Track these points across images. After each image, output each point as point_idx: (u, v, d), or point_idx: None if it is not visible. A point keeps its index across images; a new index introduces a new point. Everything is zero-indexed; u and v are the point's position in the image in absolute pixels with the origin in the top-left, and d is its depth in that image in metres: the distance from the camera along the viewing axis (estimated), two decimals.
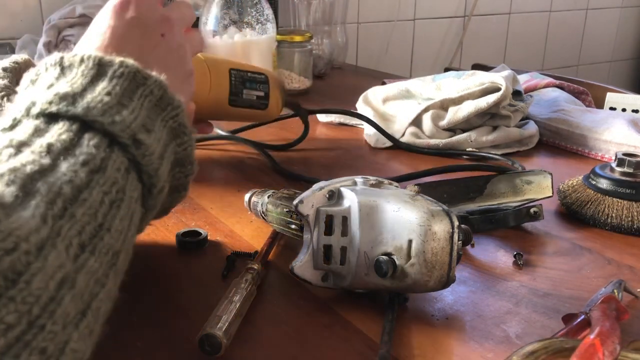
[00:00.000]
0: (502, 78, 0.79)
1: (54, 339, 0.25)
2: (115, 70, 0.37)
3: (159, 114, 0.39)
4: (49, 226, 0.27)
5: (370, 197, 0.43)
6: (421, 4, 1.83)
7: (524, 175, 0.60)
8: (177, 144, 0.41)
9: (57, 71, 0.37)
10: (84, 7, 1.15)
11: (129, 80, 0.37)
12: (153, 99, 0.38)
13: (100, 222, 0.30)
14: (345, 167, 0.75)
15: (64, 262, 0.27)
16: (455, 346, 0.40)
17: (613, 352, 0.32)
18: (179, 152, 0.41)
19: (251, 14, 1.04)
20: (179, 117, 0.40)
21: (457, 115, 0.80)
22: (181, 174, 0.42)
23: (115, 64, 0.37)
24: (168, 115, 0.39)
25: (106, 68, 0.37)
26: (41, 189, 0.28)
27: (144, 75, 0.38)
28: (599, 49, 2.37)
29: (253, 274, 0.45)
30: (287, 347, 0.40)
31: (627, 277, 0.49)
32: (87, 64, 0.37)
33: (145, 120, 0.37)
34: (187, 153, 0.42)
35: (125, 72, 0.37)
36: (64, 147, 0.31)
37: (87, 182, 0.31)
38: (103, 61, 0.37)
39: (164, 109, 0.39)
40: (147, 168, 0.36)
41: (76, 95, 0.34)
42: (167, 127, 0.39)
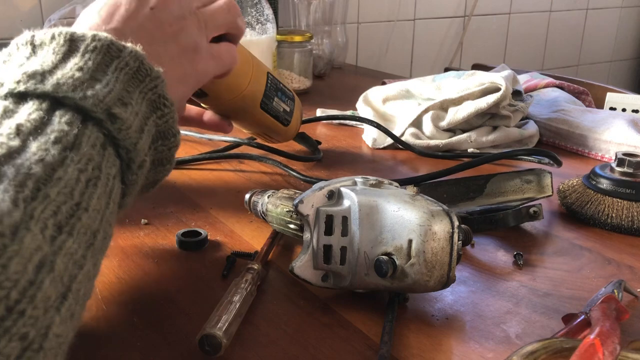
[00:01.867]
0: (502, 78, 0.79)
1: (35, 324, 0.25)
2: (87, 45, 0.36)
3: (137, 85, 0.37)
4: (20, 209, 0.26)
5: (370, 197, 0.43)
6: (421, 4, 1.83)
7: (523, 175, 0.60)
8: (157, 117, 0.39)
9: (28, 50, 0.36)
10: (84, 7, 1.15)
11: (103, 53, 0.36)
12: (129, 71, 0.37)
13: (77, 201, 0.29)
14: (345, 167, 0.75)
15: (41, 244, 0.26)
16: (455, 346, 0.40)
17: (613, 352, 0.32)
18: (160, 125, 0.39)
19: (251, 14, 1.04)
20: (158, 88, 0.39)
21: (457, 115, 0.80)
22: (164, 147, 0.41)
23: (88, 39, 0.36)
24: (146, 87, 0.38)
25: (78, 43, 0.36)
26: (8, 172, 0.27)
27: (118, 47, 0.37)
28: (599, 49, 2.37)
29: (253, 274, 0.45)
30: (287, 347, 0.40)
31: (627, 277, 0.49)
32: (58, 41, 0.36)
33: (122, 93, 0.36)
34: (169, 125, 0.40)
35: (98, 46, 0.36)
36: (34, 127, 0.30)
37: (60, 160, 0.29)
38: (75, 36, 0.36)
39: (141, 80, 0.38)
40: (124, 143, 0.35)
41: (45, 72, 0.33)
42: (147, 100, 0.38)
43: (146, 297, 0.45)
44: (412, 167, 0.76)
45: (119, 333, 0.41)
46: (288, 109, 0.70)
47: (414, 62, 1.88)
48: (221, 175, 0.71)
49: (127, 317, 0.42)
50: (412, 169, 0.75)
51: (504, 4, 2.03)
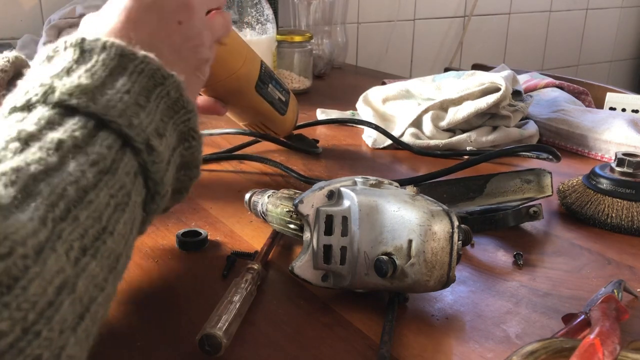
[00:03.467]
0: (502, 78, 0.79)
1: (50, 345, 0.24)
2: (136, 66, 0.36)
3: (172, 116, 0.38)
4: (48, 229, 0.26)
5: (370, 197, 0.43)
6: (421, 4, 1.83)
7: (523, 174, 0.60)
8: (184, 148, 0.39)
9: (76, 54, 0.35)
10: (84, 7, 1.15)
11: (148, 77, 0.36)
12: (168, 101, 0.37)
13: (104, 225, 0.29)
14: (345, 167, 0.75)
15: (64, 266, 0.26)
16: (455, 346, 0.40)
17: (613, 352, 0.32)
18: (185, 156, 0.40)
19: (251, 14, 1.04)
20: (190, 121, 0.39)
21: (457, 115, 0.80)
22: (186, 177, 0.41)
23: (137, 59, 0.36)
24: (180, 119, 0.38)
25: (127, 62, 0.36)
26: (43, 190, 0.27)
27: (164, 74, 0.37)
28: (599, 49, 2.37)
29: (253, 274, 0.45)
30: (287, 347, 0.40)
31: (627, 277, 0.49)
32: (108, 53, 0.35)
33: (159, 123, 0.36)
34: (194, 157, 0.40)
35: (145, 70, 0.36)
36: (75, 145, 0.30)
37: (94, 183, 0.29)
38: (125, 52, 0.36)
39: (177, 111, 0.38)
40: (154, 175, 0.35)
41: (96, 90, 0.33)
42: (177, 131, 0.38)
43: (146, 297, 0.45)
44: (412, 167, 0.76)
45: (119, 333, 0.41)
46: (283, 99, 0.70)
47: (414, 62, 1.88)
48: (221, 175, 0.71)
49: (127, 317, 0.42)
50: (412, 169, 0.75)
51: (504, 4, 2.03)
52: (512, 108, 0.81)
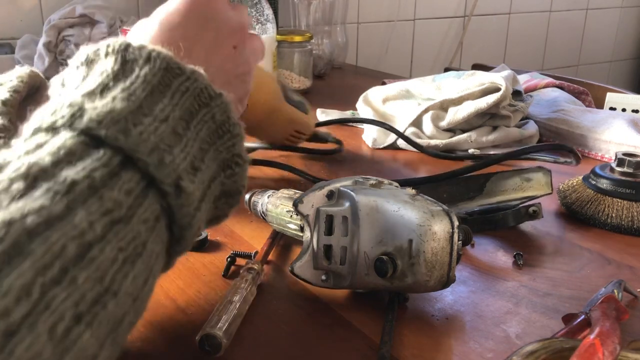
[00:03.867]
0: (502, 78, 0.79)
1: None
2: (181, 83, 0.32)
3: (214, 142, 0.33)
4: (32, 300, 0.21)
5: (370, 197, 0.43)
6: (421, 4, 1.83)
7: (523, 173, 0.60)
8: (226, 176, 0.35)
9: (117, 64, 0.31)
10: (84, 7, 1.15)
11: (193, 98, 0.32)
12: (213, 125, 0.33)
13: (106, 286, 0.25)
14: (345, 167, 0.75)
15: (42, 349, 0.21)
16: (455, 346, 0.40)
17: (613, 352, 0.32)
18: (226, 184, 0.36)
19: (251, 14, 1.04)
20: (235, 147, 0.35)
21: (457, 115, 0.80)
22: (226, 205, 0.37)
23: (184, 75, 0.32)
24: (224, 145, 0.34)
25: (172, 78, 0.32)
26: (37, 249, 0.22)
27: (211, 93, 0.33)
28: (599, 49, 2.37)
29: (253, 274, 0.45)
30: (287, 347, 0.40)
31: (627, 277, 0.49)
32: (152, 66, 0.31)
33: (196, 154, 0.32)
34: (237, 184, 0.36)
35: (191, 88, 0.32)
36: (91, 187, 0.26)
37: (101, 236, 0.25)
38: (171, 66, 0.32)
39: (221, 136, 0.34)
40: (181, 220, 0.31)
41: (130, 116, 0.29)
42: (219, 159, 0.34)
43: None
44: (412, 168, 0.76)
45: None
46: (299, 99, 0.70)
47: (414, 62, 1.88)
48: None
49: None
50: (413, 169, 0.75)
51: (504, 4, 2.03)
52: (512, 108, 0.81)
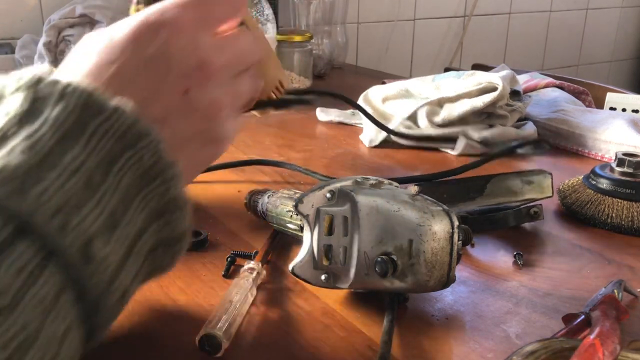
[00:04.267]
0: (500, 78, 0.79)
1: None
2: (100, 124, 0.27)
3: (141, 189, 0.29)
4: None
5: (370, 197, 0.43)
6: (421, 4, 1.83)
7: (524, 175, 0.59)
8: (161, 224, 0.30)
9: (25, 104, 0.26)
10: (84, 7, 1.15)
11: (115, 140, 0.27)
12: (139, 170, 0.28)
13: None
14: (345, 167, 0.75)
15: None
16: (455, 346, 0.40)
17: (613, 352, 0.32)
18: (163, 233, 0.31)
19: (251, 13, 1.04)
20: (170, 191, 0.30)
21: (452, 112, 0.80)
22: (166, 255, 0.32)
23: (105, 113, 0.27)
24: (154, 191, 0.29)
25: (90, 117, 0.27)
26: None
27: (139, 130, 0.28)
28: (599, 49, 2.37)
29: (253, 274, 0.45)
30: (287, 347, 0.40)
31: (627, 277, 0.49)
32: (66, 105, 0.26)
33: (116, 207, 0.27)
34: (177, 232, 0.31)
35: (112, 128, 0.27)
36: None
37: None
38: (90, 103, 0.27)
39: (150, 181, 0.29)
40: (93, 290, 0.26)
41: (30, 173, 0.24)
42: (149, 208, 0.29)
43: (146, 297, 0.45)
44: (412, 168, 0.76)
45: (118, 333, 0.41)
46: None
47: (414, 62, 1.88)
48: (221, 175, 0.71)
49: (127, 317, 0.42)
50: (413, 169, 0.75)
51: (504, 4, 2.03)
52: (509, 108, 0.81)
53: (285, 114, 0.99)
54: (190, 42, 0.33)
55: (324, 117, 0.96)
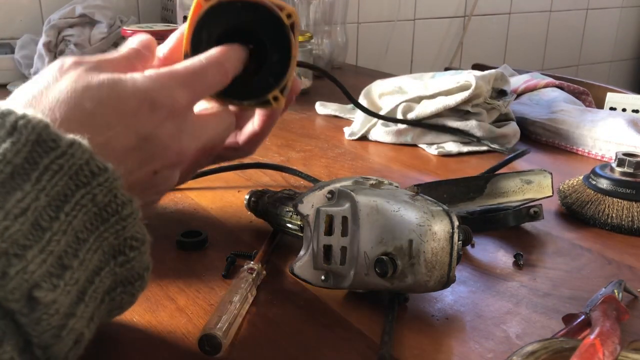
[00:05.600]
0: (475, 77, 0.80)
1: None
2: (52, 161, 0.26)
3: (95, 229, 0.28)
4: None
5: (370, 197, 0.43)
6: (421, 4, 1.83)
7: (524, 175, 0.59)
8: (117, 263, 0.29)
9: None
10: (84, 7, 1.15)
11: (68, 177, 0.26)
12: (93, 209, 0.27)
13: None
14: (345, 167, 0.75)
15: None
16: (455, 346, 0.40)
17: (613, 353, 0.32)
18: (119, 273, 0.30)
19: None
20: (126, 230, 0.29)
21: (425, 109, 0.81)
22: (125, 295, 0.31)
23: (58, 149, 0.26)
24: (109, 230, 0.28)
25: (42, 154, 0.26)
26: None
27: (93, 169, 0.27)
28: (599, 49, 2.37)
29: (253, 274, 0.45)
30: (287, 347, 0.40)
31: (627, 277, 0.49)
32: (16, 140, 0.25)
33: (67, 248, 0.26)
34: (134, 272, 0.30)
35: (66, 166, 0.26)
36: None
37: None
38: (43, 138, 0.26)
39: (105, 220, 0.28)
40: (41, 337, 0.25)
41: None
42: (103, 247, 0.28)
43: (146, 297, 0.45)
44: (413, 167, 0.76)
45: (119, 333, 0.41)
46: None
47: (414, 62, 1.88)
48: (221, 175, 0.71)
49: (127, 317, 0.42)
50: (414, 169, 0.75)
51: (504, 4, 2.03)
52: (489, 106, 0.82)
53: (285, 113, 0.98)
54: (178, 129, 0.34)
55: (323, 111, 0.98)
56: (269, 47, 0.45)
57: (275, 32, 0.44)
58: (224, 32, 0.44)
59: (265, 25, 0.44)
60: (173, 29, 0.92)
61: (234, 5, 0.43)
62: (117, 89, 0.32)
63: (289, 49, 0.45)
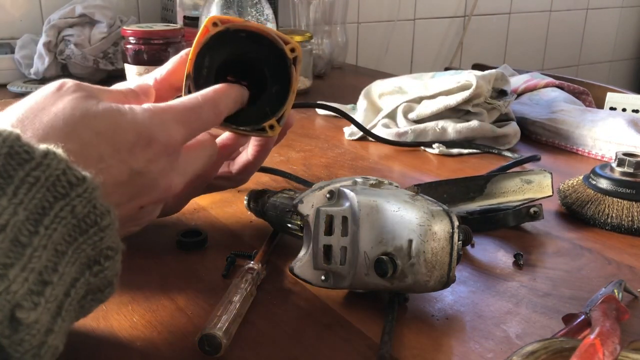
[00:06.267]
0: (476, 76, 0.80)
1: None
2: (28, 173, 0.25)
3: (74, 240, 0.27)
4: None
5: (370, 197, 0.43)
6: (421, 4, 1.83)
7: (524, 175, 0.59)
8: (92, 273, 0.29)
9: None
10: (84, 6, 1.15)
11: (45, 189, 0.25)
12: (72, 221, 0.27)
13: None
14: (345, 167, 0.75)
15: None
16: (455, 346, 0.40)
17: (613, 353, 0.32)
18: (92, 282, 0.29)
19: (251, 13, 1.04)
20: (104, 241, 0.28)
21: (426, 109, 0.82)
22: (94, 302, 0.31)
23: (32, 161, 0.25)
24: (88, 241, 0.28)
25: (16, 166, 0.25)
26: None
27: (70, 179, 0.26)
28: (599, 49, 2.37)
29: (253, 274, 0.45)
30: (287, 347, 0.40)
31: (627, 277, 0.49)
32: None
33: (47, 263, 0.25)
34: (107, 280, 0.30)
35: (42, 177, 0.25)
36: None
37: None
38: (15, 150, 0.25)
39: (84, 231, 0.27)
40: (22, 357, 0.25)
41: None
42: (81, 258, 0.28)
43: (146, 297, 0.45)
44: (414, 167, 0.76)
45: (119, 333, 0.41)
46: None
47: (414, 62, 1.88)
48: None
49: (127, 317, 0.42)
50: (414, 169, 0.75)
51: (504, 4, 2.03)
52: (489, 106, 0.82)
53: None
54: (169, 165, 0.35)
55: (323, 111, 0.98)
56: (270, 77, 0.46)
57: (278, 64, 0.45)
58: (228, 58, 0.44)
59: (268, 56, 0.45)
60: (173, 29, 0.92)
61: (240, 34, 0.44)
62: (115, 120, 0.32)
63: (289, 81, 0.46)
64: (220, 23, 0.43)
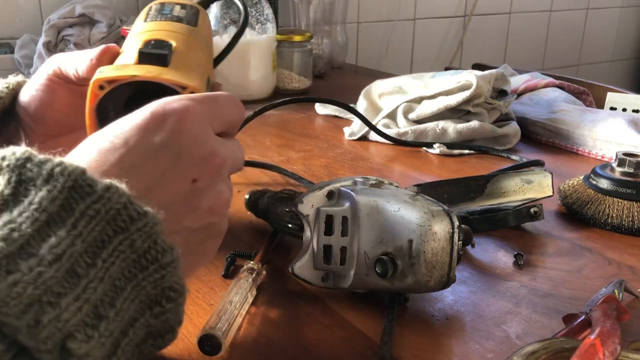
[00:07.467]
0: (476, 76, 0.80)
1: None
2: (88, 206, 0.25)
3: (134, 277, 0.27)
4: None
5: (370, 197, 0.43)
6: (421, 4, 1.83)
7: (524, 175, 0.59)
8: (152, 315, 0.28)
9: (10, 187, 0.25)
10: (84, 6, 1.15)
11: (105, 223, 0.26)
12: (132, 256, 0.26)
13: None
14: (345, 167, 0.75)
15: None
16: (455, 346, 0.40)
17: (613, 353, 0.32)
18: (153, 325, 0.29)
19: (251, 13, 1.04)
20: (165, 279, 0.28)
21: (426, 109, 0.82)
22: (153, 348, 0.29)
23: (94, 194, 0.25)
24: (148, 278, 0.27)
25: (78, 199, 0.25)
26: None
27: (131, 214, 0.26)
28: (599, 49, 2.37)
29: (253, 274, 0.45)
30: (287, 347, 0.40)
31: (627, 277, 0.49)
32: (53, 187, 0.25)
33: (103, 297, 0.25)
34: (169, 324, 0.29)
35: (102, 211, 0.25)
36: None
37: None
38: (79, 184, 0.25)
39: (144, 268, 0.27)
40: None
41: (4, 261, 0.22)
42: (141, 296, 0.27)
43: None
44: (414, 167, 0.76)
45: None
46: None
47: (414, 62, 1.88)
48: None
49: None
50: (415, 169, 0.75)
51: (504, 4, 2.03)
52: (489, 106, 0.82)
53: (285, 113, 0.99)
54: (202, 131, 0.32)
55: (323, 111, 0.98)
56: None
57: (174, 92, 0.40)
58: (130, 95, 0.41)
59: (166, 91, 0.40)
60: None
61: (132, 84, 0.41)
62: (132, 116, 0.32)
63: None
64: (107, 84, 0.40)
